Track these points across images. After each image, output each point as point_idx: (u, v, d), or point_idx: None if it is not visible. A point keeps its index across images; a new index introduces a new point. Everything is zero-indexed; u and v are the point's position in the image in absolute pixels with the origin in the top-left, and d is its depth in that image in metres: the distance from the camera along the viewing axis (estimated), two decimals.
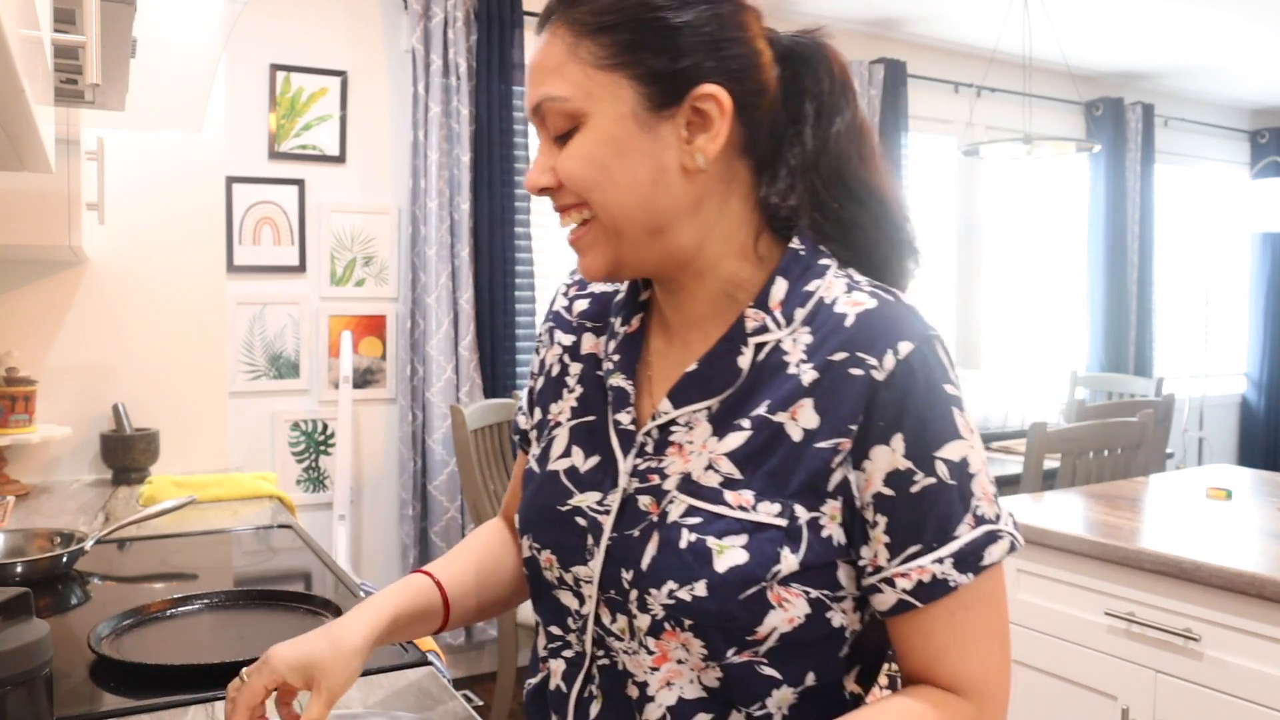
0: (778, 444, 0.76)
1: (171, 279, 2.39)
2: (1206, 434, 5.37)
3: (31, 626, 0.75)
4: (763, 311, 0.79)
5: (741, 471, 0.76)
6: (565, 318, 0.94)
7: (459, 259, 3.19)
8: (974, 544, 0.74)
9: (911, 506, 0.74)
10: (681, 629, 0.75)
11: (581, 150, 0.76)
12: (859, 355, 0.75)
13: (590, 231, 0.79)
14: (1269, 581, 1.57)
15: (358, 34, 3.20)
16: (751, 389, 0.78)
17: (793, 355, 0.77)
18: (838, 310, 0.77)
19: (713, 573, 0.74)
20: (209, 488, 2.06)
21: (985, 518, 0.75)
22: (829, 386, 0.75)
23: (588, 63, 0.75)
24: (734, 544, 0.74)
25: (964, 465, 0.74)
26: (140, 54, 1.50)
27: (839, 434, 0.75)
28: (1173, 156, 5.30)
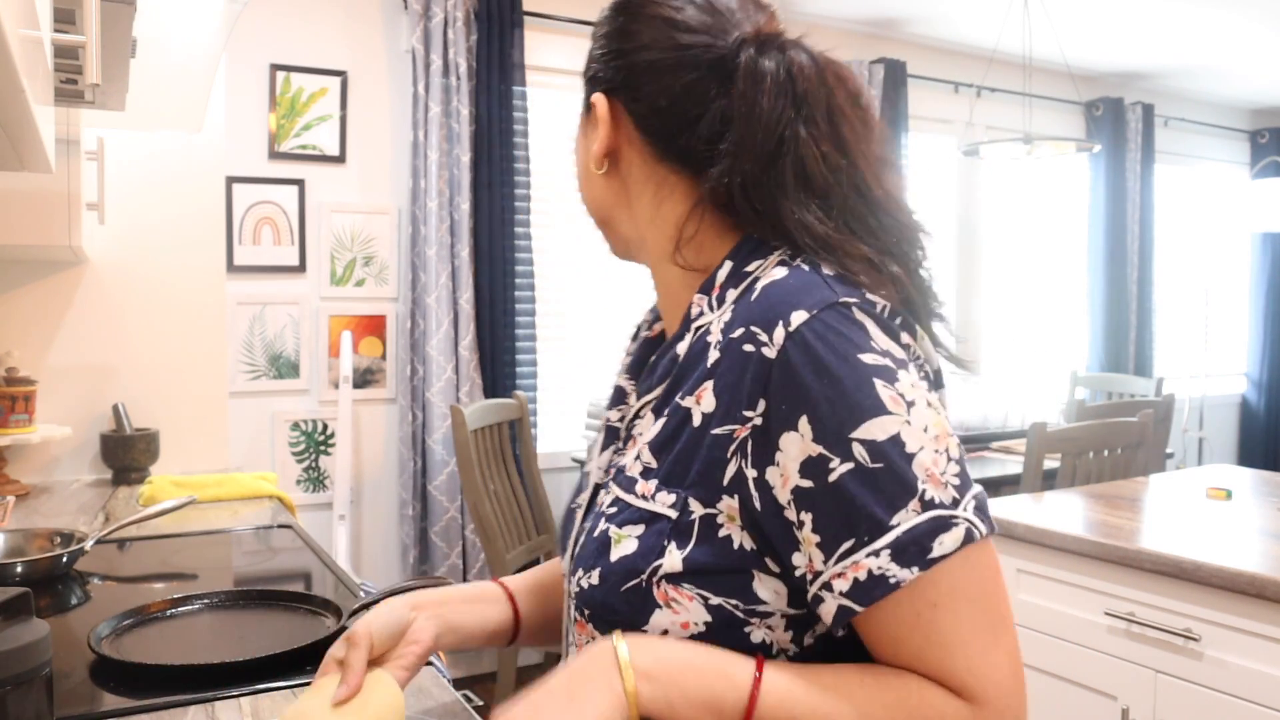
0: (682, 430, 0.72)
1: (171, 279, 2.39)
2: (1206, 434, 5.37)
3: (31, 626, 0.75)
4: (705, 295, 0.77)
5: (656, 460, 0.74)
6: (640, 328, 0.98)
7: (459, 259, 3.19)
8: (915, 533, 0.64)
9: (834, 497, 0.65)
10: (583, 619, 0.75)
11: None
12: (752, 330, 0.68)
13: None
14: (1269, 581, 1.57)
15: (358, 34, 3.20)
16: (684, 375, 0.75)
17: (714, 335, 0.73)
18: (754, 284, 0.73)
19: (606, 562, 0.72)
20: (209, 488, 2.06)
21: (934, 502, 0.64)
22: (726, 366, 0.70)
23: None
24: (630, 534, 0.72)
25: (894, 444, 0.64)
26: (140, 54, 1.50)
27: (733, 420, 0.68)
28: (1173, 156, 5.30)
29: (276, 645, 1.07)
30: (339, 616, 1.17)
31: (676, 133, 0.78)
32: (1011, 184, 4.77)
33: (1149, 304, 5.04)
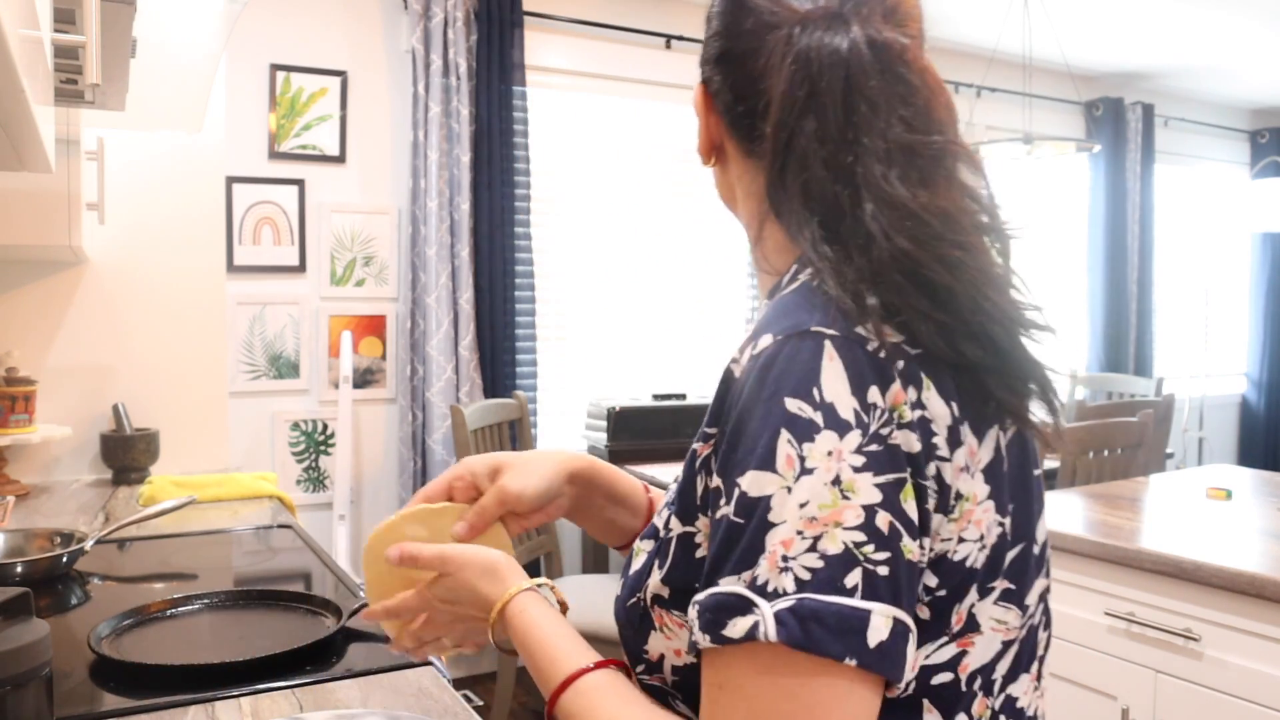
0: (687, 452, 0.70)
1: (171, 279, 2.39)
2: (1206, 434, 5.37)
3: (31, 626, 0.75)
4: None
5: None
6: None
7: (459, 259, 3.19)
8: (719, 601, 0.58)
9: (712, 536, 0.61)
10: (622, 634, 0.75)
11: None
12: (738, 348, 0.64)
13: None
14: (1269, 581, 1.57)
15: (358, 34, 3.20)
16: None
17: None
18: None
19: (627, 574, 0.73)
20: (209, 488, 2.06)
21: (758, 583, 0.56)
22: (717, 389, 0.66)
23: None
24: (643, 549, 0.71)
25: (760, 505, 0.57)
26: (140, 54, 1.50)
27: (701, 437, 0.65)
28: (1173, 156, 5.30)
29: (276, 645, 1.07)
30: (339, 616, 1.17)
31: (749, 126, 0.71)
32: (1011, 184, 4.77)
33: (1149, 304, 5.04)
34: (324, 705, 0.98)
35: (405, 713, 0.94)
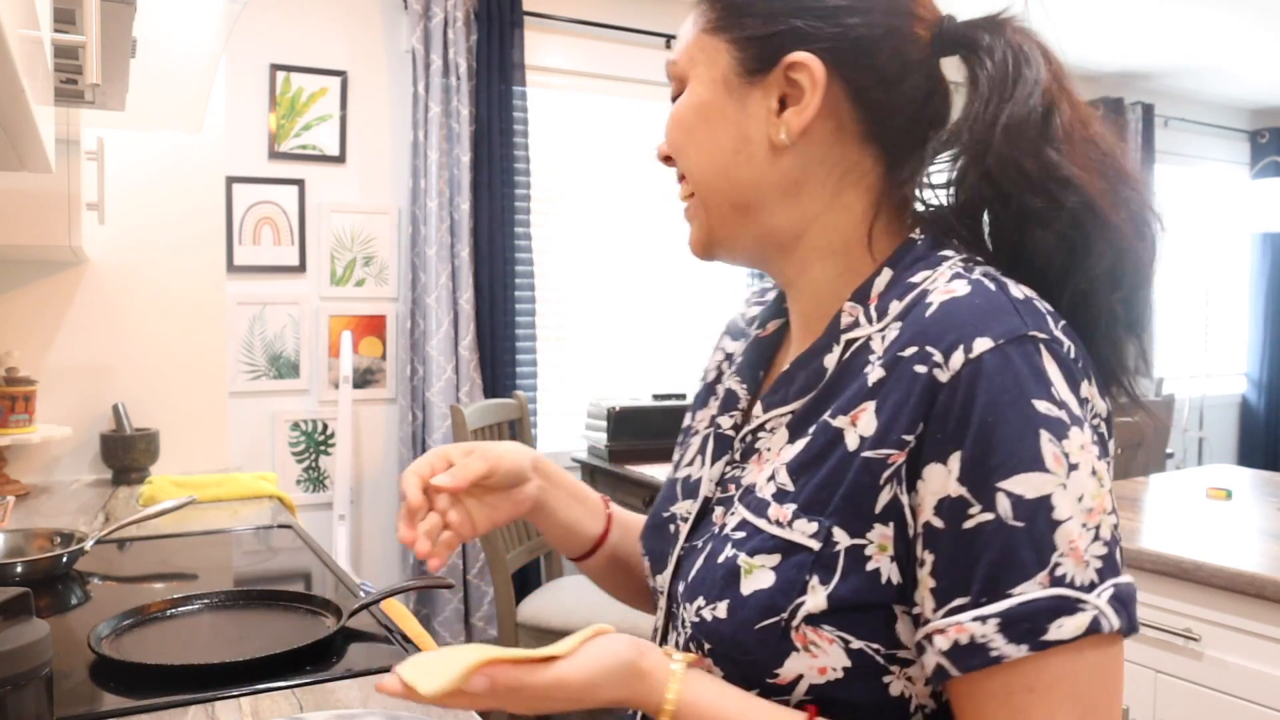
0: (831, 452, 0.65)
1: (171, 279, 2.39)
2: (1206, 434, 5.37)
3: (31, 626, 0.75)
4: (859, 305, 0.70)
5: (794, 483, 0.67)
6: (739, 325, 0.91)
7: (459, 259, 3.19)
8: (1034, 608, 0.57)
9: (961, 546, 0.59)
10: (702, 653, 0.68)
11: (675, 113, 0.75)
12: (927, 349, 0.62)
13: (692, 204, 0.76)
14: (1269, 581, 1.57)
15: (358, 34, 3.20)
16: (832, 392, 0.69)
17: (875, 353, 0.67)
18: (927, 300, 0.65)
19: (736, 594, 0.66)
20: (209, 488, 2.06)
21: (1065, 579, 0.57)
22: (891, 387, 0.64)
23: (699, 26, 0.74)
24: (764, 564, 0.65)
25: (1042, 505, 0.58)
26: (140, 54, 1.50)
27: (892, 444, 0.62)
28: (1173, 156, 5.30)
29: (276, 645, 1.07)
30: (339, 616, 1.17)
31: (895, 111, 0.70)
32: None
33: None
34: (324, 705, 0.98)
35: (405, 713, 0.94)
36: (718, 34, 0.72)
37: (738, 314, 0.93)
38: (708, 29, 0.73)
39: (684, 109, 0.74)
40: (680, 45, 0.76)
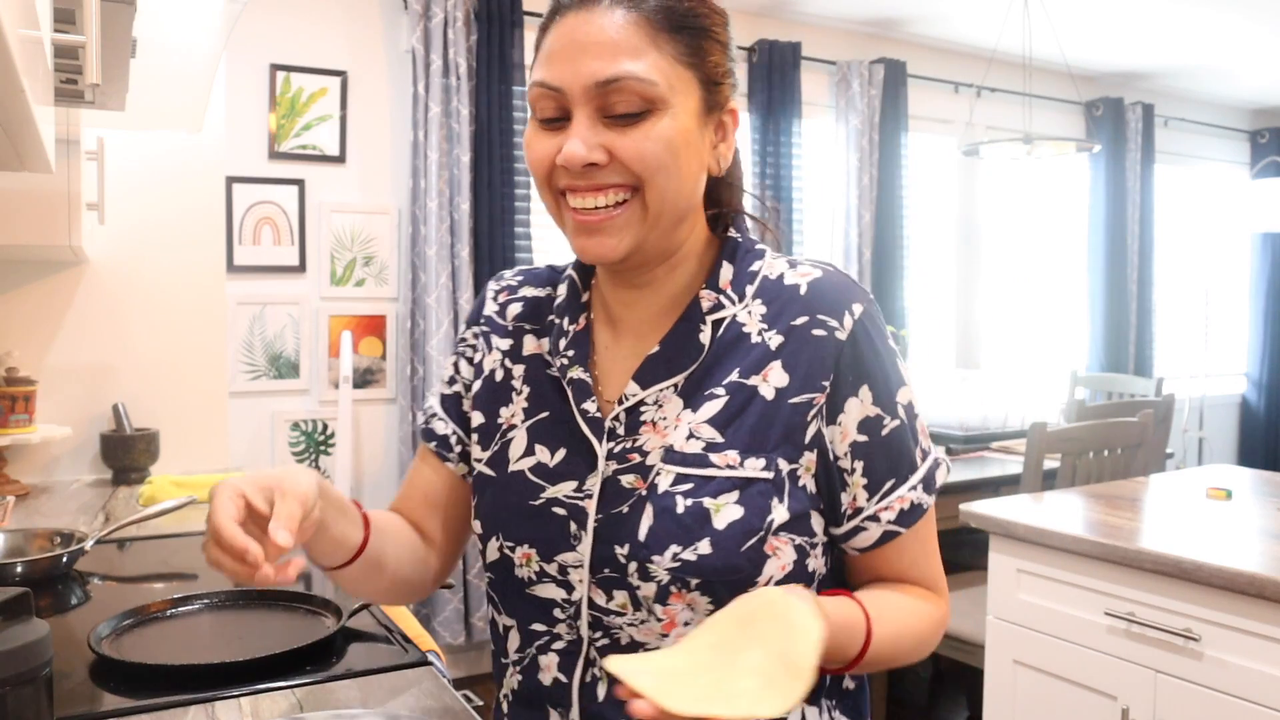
0: (752, 404, 0.82)
1: (171, 279, 2.39)
2: (1206, 434, 5.37)
3: (31, 626, 0.75)
4: (714, 292, 0.86)
5: (722, 434, 0.82)
6: (499, 322, 0.96)
7: (459, 259, 3.19)
8: (930, 469, 0.87)
9: (884, 448, 0.84)
10: (688, 589, 0.79)
11: (663, 134, 0.79)
12: (820, 318, 0.83)
13: (625, 213, 0.80)
14: (1269, 581, 1.57)
15: (358, 34, 3.20)
16: (715, 362, 0.84)
17: (751, 325, 0.85)
18: (788, 283, 0.86)
19: (714, 530, 0.79)
20: (209, 488, 2.06)
21: (926, 449, 0.87)
22: (794, 348, 0.83)
23: (671, 55, 0.80)
24: (728, 501, 0.80)
25: (911, 407, 0.86)
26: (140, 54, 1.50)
27: (812, 389, 0.82)
28: (1173, 156, 5.30)
29: (276, 645, 1.07)
30: (339, 616, 1.17)
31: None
32: (1011, 184, 4.77)
33: (1149, 304, 5.04)
34: (324, 705, 0.98)
35: (405, 713, 0.94)
36: (690, 69, 0.81)
37: (490, 312, 0.96)
38: (680, 61, 0.80)
39: (674, 133, 0.79)
40: (648, 66, 0.78)
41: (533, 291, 0.96)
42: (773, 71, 3.81)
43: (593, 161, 0.78)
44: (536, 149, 0.82)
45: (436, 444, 0.97)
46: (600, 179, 0.80)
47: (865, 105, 4.03)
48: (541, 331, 0.93)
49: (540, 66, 0.82)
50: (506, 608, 0.89)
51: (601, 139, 0.79)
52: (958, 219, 4.59)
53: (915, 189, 4.24)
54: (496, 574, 0.89)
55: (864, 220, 4.05)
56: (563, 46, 0.80)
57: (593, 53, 0.78)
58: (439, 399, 0.98)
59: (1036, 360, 4.85)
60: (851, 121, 4.03)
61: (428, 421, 0.99)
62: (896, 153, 4.10)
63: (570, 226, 0.83)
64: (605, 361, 0.89)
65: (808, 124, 4.03)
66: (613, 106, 0.78)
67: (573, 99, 0.79)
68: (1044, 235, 4.91)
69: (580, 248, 0.83)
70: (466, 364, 0.97)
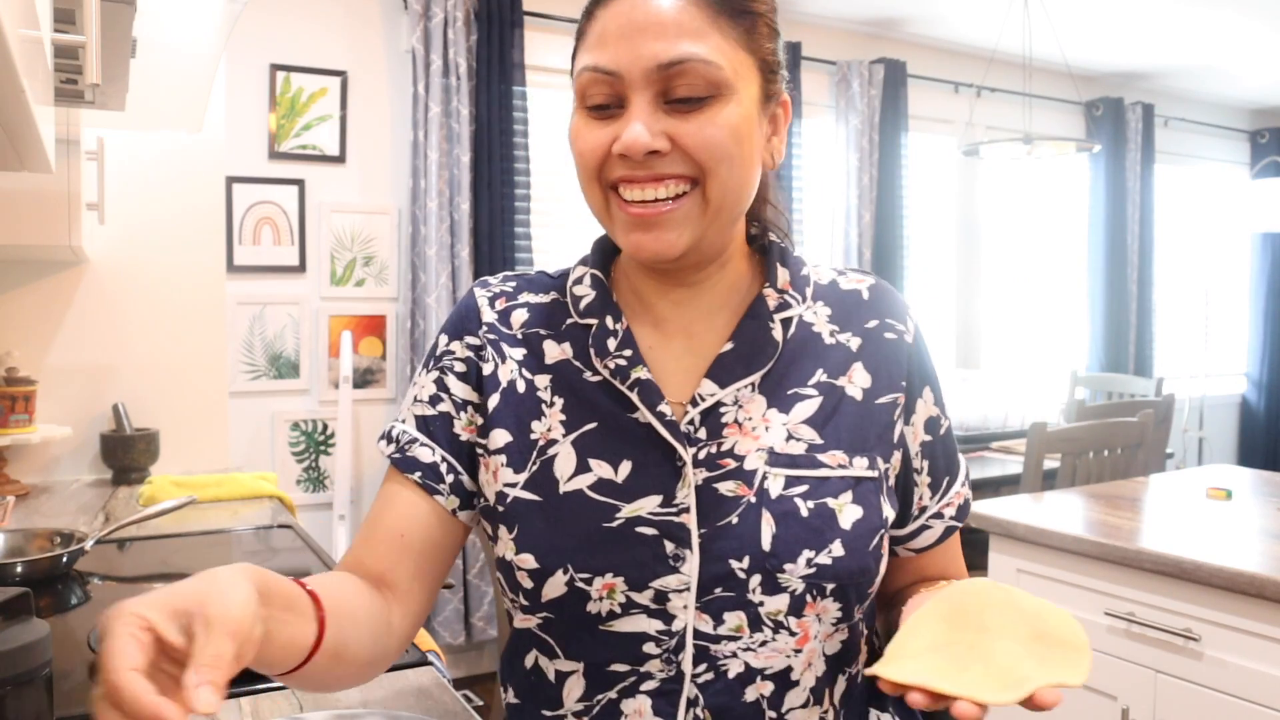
0: (844, 405, 0.81)
1: (171, 279, 2.39)
2: (1206, 434, 5.37)
3: (31, 626, 0.75)
4: (776, 291, 0.83)
5: (820, 435, 0.79)
6: (504, 330, 0.85)
7: (459, 259, 3.19)
8: (966, 464, 0.91)
9: (944, 446, 0.87)
10: (822, 596, 0.75)
11: (729, 121, 0.74)
12: (889, 321, 0.85)
13: (686, 205, 0.75)
14: (1269, 581, 1.57)
15: (358, 34, 3.20)
16: (791, 360, 0.82)
17: (820, 326, 0.84)
18: (846, 288, 0.87)
19: (842, 531, 0.76)
20: (209, 488, 2.06)
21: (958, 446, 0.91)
22: (871, 350, 0.84)
23: (732, 38, 0.74)
24: (845, 500, 0.78)
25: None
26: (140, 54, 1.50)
27: (894, 390, 0.83)
28: (1173, 156, 5.30)
29: None
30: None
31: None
32: (1011, 184, 4.77)
33: (1149, 304, 5.04)
34: (324, 705, 0.98)
35: (405, 713, 0.94)
36: (749, 54, 0.76)
37: (490, 320, 0.85)
38: (741, 45, 0.75)
39: (739, 121, 0.74)
40: (711, 48, 0.73)
41: (535, 298, 0.87)
42: None
43: (655, 149, 0.72)
44: (588, 139, 0.76)
45: (422, 474, 0.82)
46: (661, 168, 0.74)
47: (865, 105, 4.03)
48: (561, 337, 0.84)
49: (590, 51, 0.75)
50: (570, 650, 0.78)
51: (663, 125, 0.73)
52: (958, 219, 4.59)
53: (915, 189, 4.24)
54: (558, 612, 0.77)
55: (864, 220, 4.05)
56: (618, 27, 0.73)
57: (652, 33, 0.72)
58: (416, 422, 0.84)
59: (1036, 360, 4.85)
60: (851, 121, 4.03)
61: (404, 449, 0.83)
62: (896, 153, 4.10)
63: (623, 223, 0.76)
64: (655, 362, 0.82)
65: (808, 124, 4.03)
66: (674, 90, 0.73)
67: (631, 83, 0.73)
68: (1044, 235, 4.91)
69: (635, 244, 0.76)
70: (458, 380, 0.84)
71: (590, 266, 0.87)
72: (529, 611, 0.78)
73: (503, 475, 0.80)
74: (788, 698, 0.76)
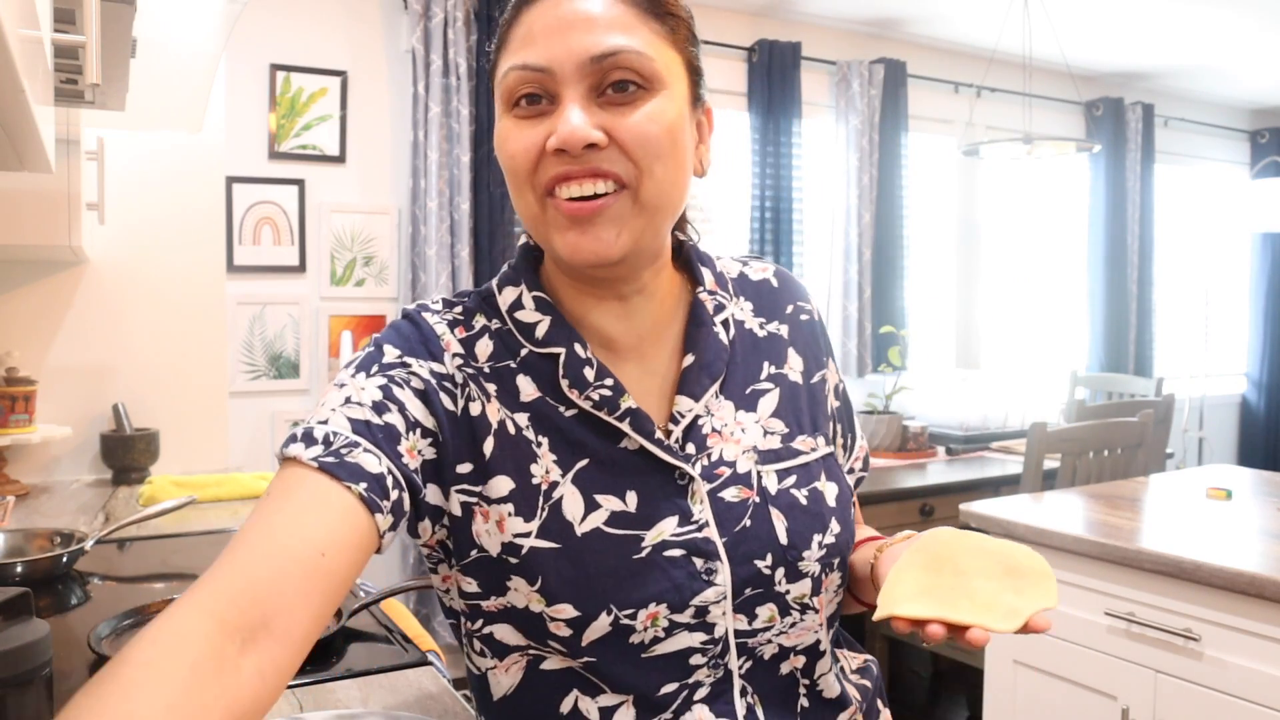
0: (794, 391, 0.87)
1: (171, 279, 2.39)
2: (1206, 434, 5.37)
3: (31, 626, 0.75)
4: (708, 294, 0.86)
5: (786, 424, 0.84)
6: (474, 363, 0.78)
7: (459, 259, 3.19)
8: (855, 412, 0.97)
9: (847, 408, 0.94)
10: (831, 571, 0.82)
11: (664, 116, 0.72)
12: (799, 304, 0.91)
13: (618, 203, 0.72)
14: (1269, 581, 1.57)
15: (358, 34, 3.20)
16: (739, 359, 0.85)
17: (749, 321, 0.88)
18: (756, 278, 0.91)
19: (831, 509, 0.82)
20: (209, 488, 2.06)
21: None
22: (796, 334, 0.89)
23: (659, 34, 0.74)
24: (824, 479, 0.84)
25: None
26: (140, 54, 1.50)
27: (820, 367, 0.90)
28: (1173, 156, 5.30)
29: None
30: (339, 616, 1.17)
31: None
32: (1011, 184, 4.77)
33: (1149, 304, 5.04)
34: (324, 705, 0.98)
35: (405, 713, 0.94)
36: (678, 52, 0.76)
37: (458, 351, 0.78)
38: (669, 43, 0.75)
39: (674, 117, 0.73)
40: (641, 41, 0.72)
41: (487, 322, 0.80)
42: (773, 71, 3.80)
43: (593, 142, 0.70)
44: (519, 140, 0.72)
45: (368, 485, 0.68)
46: (597, 163, 0.71)
47: (865, 105, 4.03)
48: (523, 368, 0.78)
49: (516, 52, 0.73)
50: (617, 684, 0.75)
51: (598, 120, 0.71)
52: (958, 219, 4.59)
53: (915, 189, 4.24)
54: (600, 653, 0.74)
55: (864, 220, 4.04)
56: (545, 26, 0.72)
57: (581, 28, 0.71)
58: (354, 424, 0.71)
59: (1036, 360, 4.85)
60: (851, 121, 4.03)
61: (339, 453, 0.68)
62: (896, 153, 4.10)
63: (558, 223, 0.72)
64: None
65: (808, 124, 4.03)
66: (607, 84, 0.71)
67: (563, 79, 0.71)
68: (1044, 235, 4.91)
69: (572, 246, 0.72)
70: (415, 397, 0.74)
71: (524, 286, 0.81)
72: (569, 656, 0.75)
73: (510, 525, 0.74)
74: (818, 665, 0.83)
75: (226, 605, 0.60)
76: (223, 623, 0.59)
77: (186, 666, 0.55)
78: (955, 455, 3.51)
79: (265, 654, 0.60)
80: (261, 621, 0.60)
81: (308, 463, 0.68)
